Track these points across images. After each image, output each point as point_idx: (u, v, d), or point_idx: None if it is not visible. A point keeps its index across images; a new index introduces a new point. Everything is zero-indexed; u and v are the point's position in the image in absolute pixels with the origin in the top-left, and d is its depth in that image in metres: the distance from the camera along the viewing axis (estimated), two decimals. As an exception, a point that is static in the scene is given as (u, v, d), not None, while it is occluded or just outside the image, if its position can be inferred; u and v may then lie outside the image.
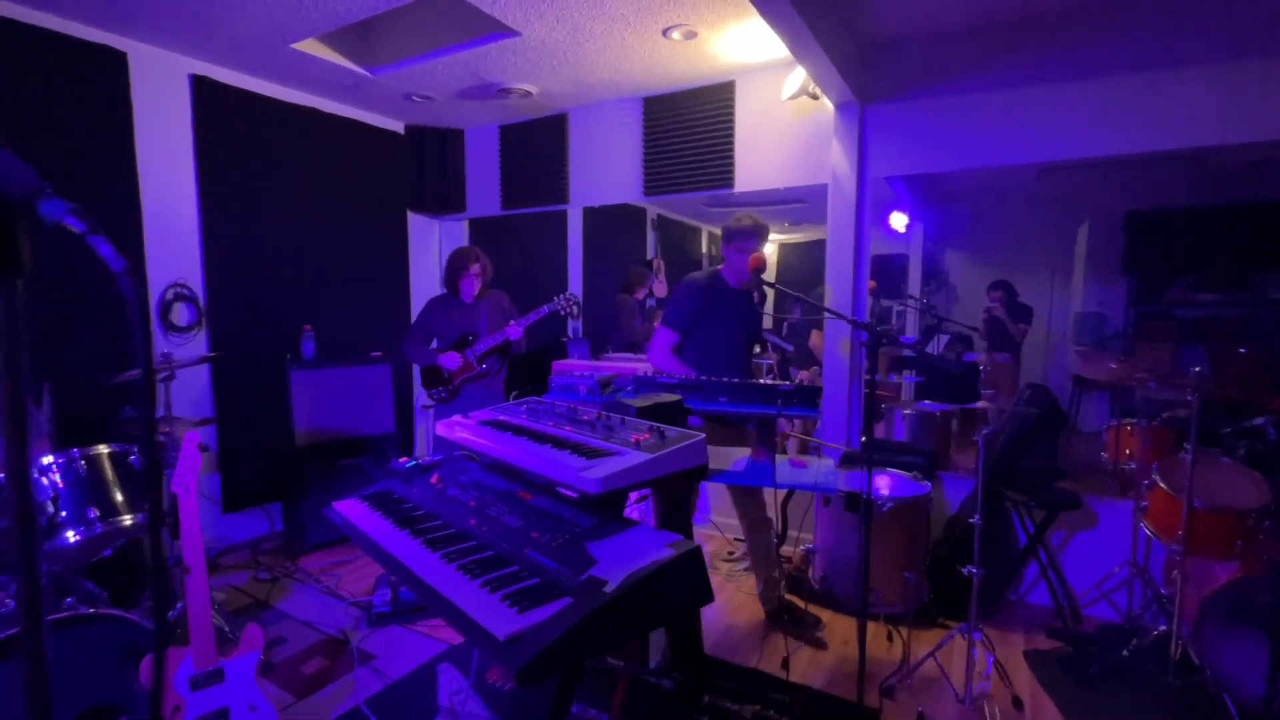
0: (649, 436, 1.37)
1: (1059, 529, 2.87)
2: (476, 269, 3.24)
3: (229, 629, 2.46)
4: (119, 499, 2.04)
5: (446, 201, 4.53)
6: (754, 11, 2.32)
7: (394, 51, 3.36)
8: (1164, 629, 2.27)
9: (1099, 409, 3.96)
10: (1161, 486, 2.27)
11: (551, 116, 4.13)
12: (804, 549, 2.91)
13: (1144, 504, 2.45)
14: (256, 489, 3.65)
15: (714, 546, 3.58)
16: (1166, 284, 3.81)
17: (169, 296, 3.27)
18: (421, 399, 4.48)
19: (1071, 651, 2.47)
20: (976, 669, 2.17)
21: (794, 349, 4.31)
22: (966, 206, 4.40)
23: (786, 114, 3.33)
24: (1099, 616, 2.80)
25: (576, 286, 5.35)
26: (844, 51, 2.77)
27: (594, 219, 5.32)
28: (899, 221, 3.84)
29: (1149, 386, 2.50)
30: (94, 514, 1.95)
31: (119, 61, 3.03)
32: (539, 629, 0.97)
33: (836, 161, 3.17)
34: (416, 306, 4.56)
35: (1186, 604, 2.19)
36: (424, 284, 4.63)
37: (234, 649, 1.83)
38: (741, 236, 2.61)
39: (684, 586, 1.13)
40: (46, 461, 1.94)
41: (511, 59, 3.25)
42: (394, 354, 3.89)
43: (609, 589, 1.03)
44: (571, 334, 5.21)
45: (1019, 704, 2.17)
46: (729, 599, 3.00)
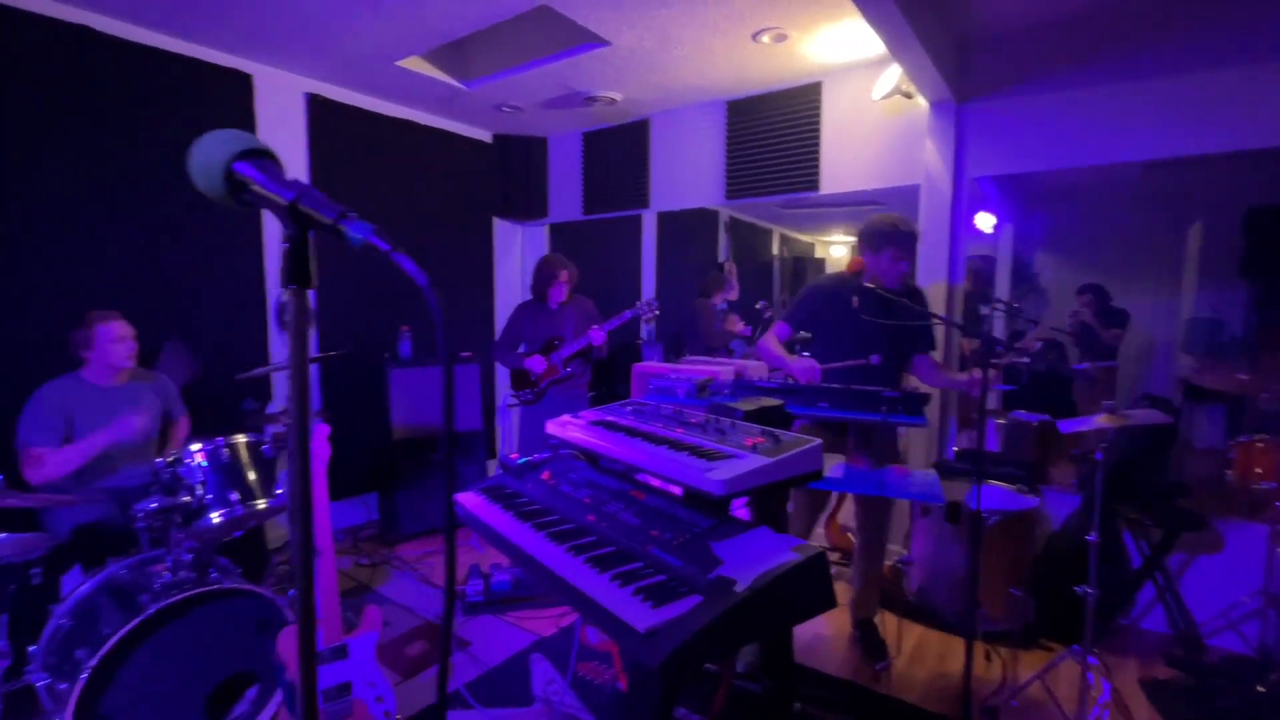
0: (764, 440, 1.38)
1: (1178, 551, 2.68)
2: (565, 276, 3.34)
3: (350, 613, 2.63)
4: (254, 484, 2.23)
5: (530, 208, 4.68)
6: (848, 12, 2.30)
7: (488, 65, 3.51)
8: (1307, 664, 2.09)
9: (1211, 422, 3.66)
10: (1305, 509, 2.08)
11: (634, 122, 4.20)
12: (897, 560, 2.84)
13: (1282, 527, 2.25)
14: (356, 479, 3.88)
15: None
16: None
17: (285, 301, 3.52)
18: (504, 398, 4.64)
19: (1194, 683, 2.30)
20: (1091, 695, 2.06)
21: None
22: (1063, 206, 4.17)
23: (876, 114, 3.26)
24: (1225, 647, 2.59)
25: (650, 290, 5.40)
26: (941, 48, 2.69)
27: (668, 223, 5.36)
28: (986, 222, 3.68)
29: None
30: (235, 497, 2.14)
31: (246, 83, 3.30)
32: (674, 624, 1.00)
33: (930, 161, 3.08)
34: (501, 309, 4.73)
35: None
36: (507, 287, 4.80)
37: (354, 628, 1.96)
38: (899, 243, 2.36)
39: (809, 591, 1.13)
40: (194, 448, 2.14)
41: (600, 68, 3.33)
42: (481, 354, 4.06)
43: (739, 589, 1.05)
44: (646, 337, 5.26)
45: (1138, 734, 2.05)
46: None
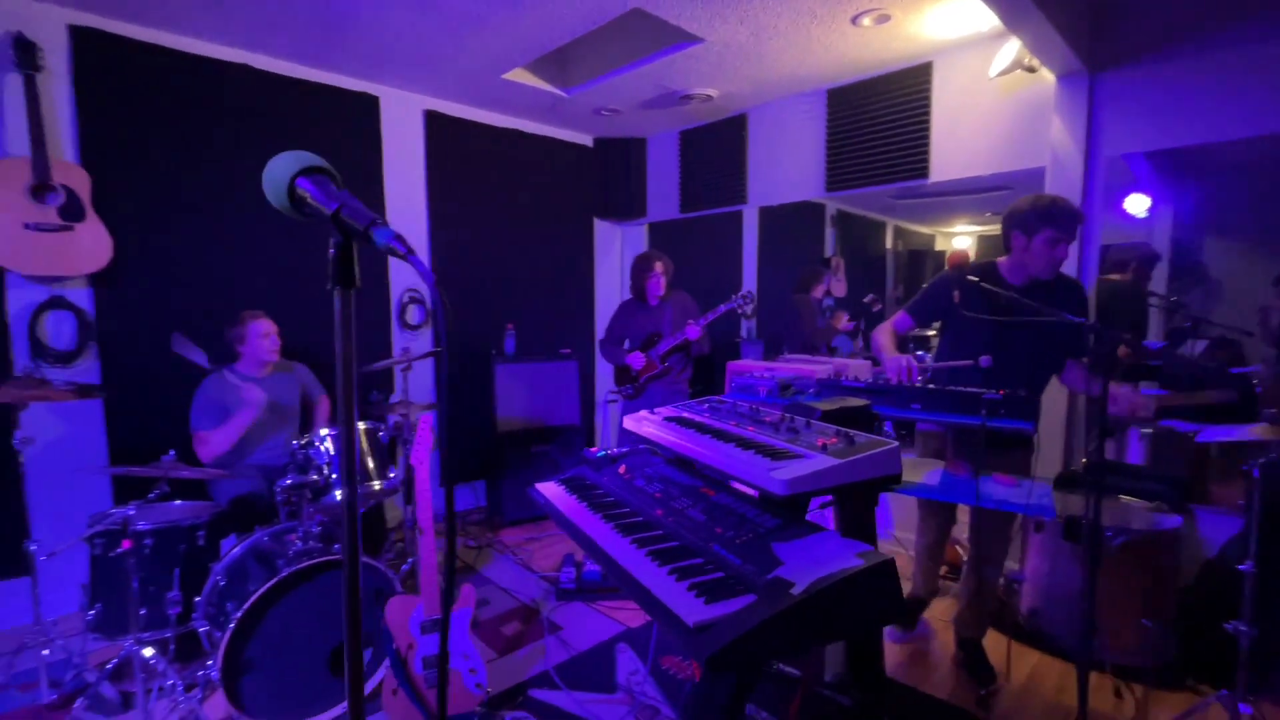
0: (836, 441, 1.33)
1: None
2: (659, 269, 3.38)
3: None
4: (371, 467, 2.47)
5: (629, 207, 4.78)
6: (958, -15, 2.13)
7: (586, 71, 3.62)
8: None
9: None
10: None
11: (731, 118, 4.16)
12: (1008, 576, 2.60)
13: None
14: (465, 467, 4.17)
15: (897, 562, 3.34)
16: None
17: (405, 300, 3.86)
18: (603, 394, 4.78)
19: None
20: (1244, 748, 1.78)
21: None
22: (1243, 183, 3.58)
23: (993, 93, 3.00)
24: None
25: (751, 288, 5.31)
26: (1069, 14, 2.43)
27: (770, 218, 5.24)
28: (1138, 205, 3.25)
29: None
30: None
31: (374, 104, 3.65)
32: (725, 621, 1.00)
33: (1057, 140, 2.79)
34: (601, 307, 4.87)
35: None
36: (607, 286, 4.93)
37: (452, 604, 2.12)
38: (1057, 223, 2.04)
39: (873, 599, 1.08)
40: (323, 433, 2.42)
41: (695, 65, 3.33)
42: (581, 350, 4.21)
43: (795, 591, 1.02)
44: (746, 334, 5.19)
45: (1307, 802, 1.74)
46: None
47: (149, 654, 2.13)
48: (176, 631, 2.21)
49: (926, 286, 2.44)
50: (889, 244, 7.80)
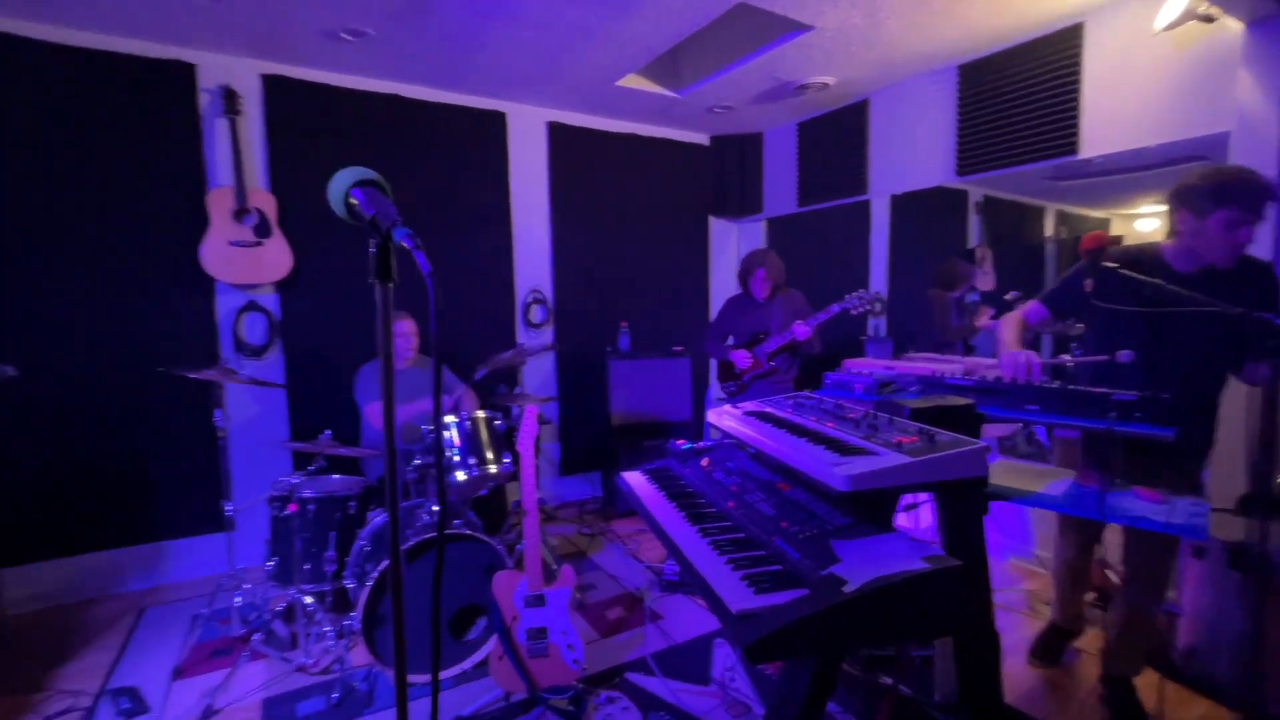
0: (915, 439, 1.26)
1: None
2: (763, 271, 3.32)
3: (555, 567, 3.03)
4: (489, 454, 2.71)
5: (744, 204, 4.73)
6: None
7: (697, 71, 3.65)
8: None
9: None
10: None
11: (850, 105, 3.97)
12: (1166, 609, 2.24)
13: None
14: (583, 458, 4.38)
15: (1036, 585, 3.02)
16: None
17: (529, 300, 4.15)
18: (714, 391, 4.78)
19: None
20: None
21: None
22: None
23: (1159, 51, 2.60)
24: None
25: (880, 283, 5.02)
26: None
27: (902, 208, 4.91)
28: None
29: None
30: (473, 461, 2.64)
31: (501, 120, 3.96)
32: (772, 612, 1.00)
33: (1246, 98, 2.35)
34: (715, 305, 4.88)
35: None
36: (722, 284, 4.92)
37: (554, 583, 2.26)
38: (1238, 201, 1.73)
39: (938, 606, 1.01)
40: (449, 419, 2.69)
41: (807, 53, 3.23)
42: (693, 348, 4.25)
43: (847, 589, 0.99)
44: (872, 332, 4.92)
45: None
46: (1050, 650, 2.50)
47: (310, 602, 2.51)
48: (332, 586, 2.58)
49: (1065, 274, 2.18)
50: (1049, 231, 6.97)
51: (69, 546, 3.04)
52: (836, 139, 4.08)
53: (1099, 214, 7.24)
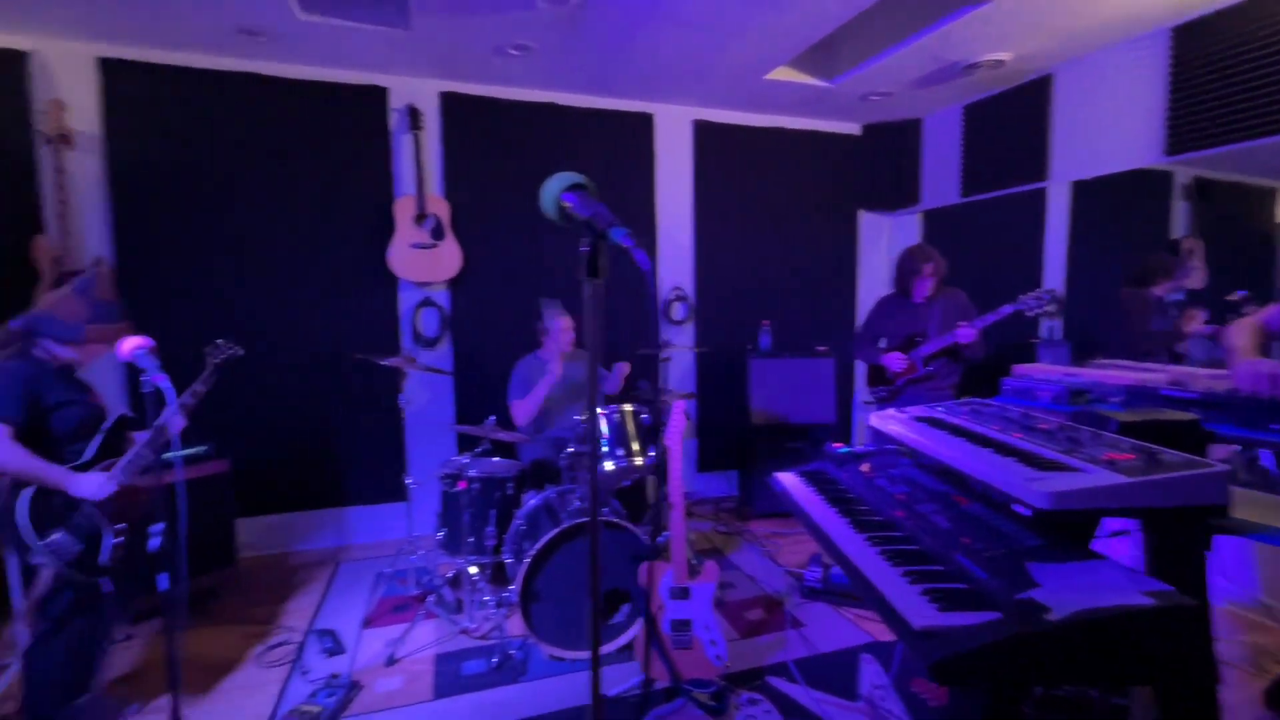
0: (1132, 457, 1.11)
1: None
2: (929, 269, 3.08)
3: (695, 562, 3.06)
4: (635, 446, 2.79)
5: (898, 196, 4.45)
6: None
7: (851, 58, 3.49)
8: None
9: None
10: None
11: (1029, 83, 3.59)
12: None
13: None
14: (721, 456, 4.38)
15: (1263, 639, 2.55)
16: None
17: (671, 297, 4.22)
18: (861, 394, 4.55)
19: None
20: None
21: None
22: None
23: None
24: None
25: (1056, 280, 4.49)
26: None
27: (1085, 195, 4.35)
28: None
29: None
30: (620, 452, 2.74)
31: (648, 120, 4.06)
32: (959, 632, 0.93)
33: None
34: (863, 303, 4.64)
35: None
36: (872, 281, 4.67)
37: (698, 577, 2.29)
38: None
39: (1163, 648, 0.89)
40: (599, 411, 2.81)
41: (980, 29, 2.97)
42: (838, 348, 4.08)
43: (1051, 617, 0.90)
44: (1046, 335, 4.41)
45: None
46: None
47: (474, 572, 2.75)
48: (492, 560, 2.81)
49: None
50: (1281, 217, 5.83)
51: (283, 504, 3.59)
52: (1011, 121, 3.71)
53: (1355, 195, 5.94)
